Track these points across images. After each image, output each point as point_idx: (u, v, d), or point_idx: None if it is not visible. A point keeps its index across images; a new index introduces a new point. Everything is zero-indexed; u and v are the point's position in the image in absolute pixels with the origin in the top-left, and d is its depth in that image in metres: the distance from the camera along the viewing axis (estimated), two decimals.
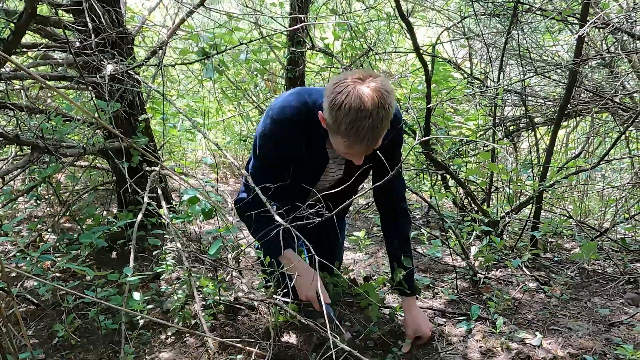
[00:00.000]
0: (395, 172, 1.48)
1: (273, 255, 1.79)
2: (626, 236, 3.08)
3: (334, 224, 2.12)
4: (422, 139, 1.69)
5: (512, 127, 3.70)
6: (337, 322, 1.76)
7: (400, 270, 1.88)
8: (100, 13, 2.19)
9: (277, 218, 1.47)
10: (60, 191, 2.79)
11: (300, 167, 1.80)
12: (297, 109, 1.67)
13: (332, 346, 1.26)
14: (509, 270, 2.51)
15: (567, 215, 2.84)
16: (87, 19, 2.08)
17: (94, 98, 2.18)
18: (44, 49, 2.14)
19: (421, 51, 2.79)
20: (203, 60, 1.89)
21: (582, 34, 1.89)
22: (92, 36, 2.11)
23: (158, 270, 2.20)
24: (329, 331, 1.29)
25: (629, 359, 1.66)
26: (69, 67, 2.19)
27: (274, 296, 1.90)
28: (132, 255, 1.80)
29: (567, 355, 1.74)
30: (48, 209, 3.02)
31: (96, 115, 2.11)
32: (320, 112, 1.57)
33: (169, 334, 2.05)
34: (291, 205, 1.73)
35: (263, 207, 1.56)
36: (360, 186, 2.30)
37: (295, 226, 1.44)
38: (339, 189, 1.72)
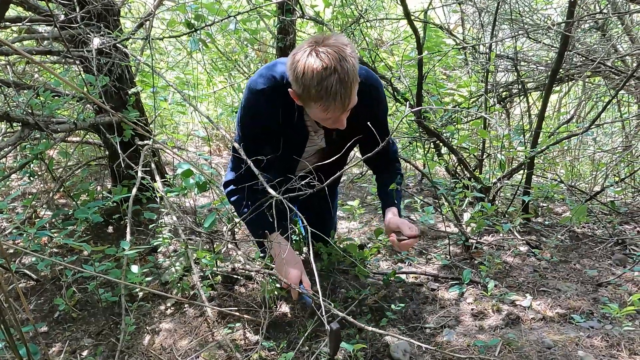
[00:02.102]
0: (385, 140, 1.49)
1: (260, 236, 1.80)
2: (616, 199, 3.13)
3: (323, 194, 2.14)
4: (414, 110, 1.68)
5: (504, 93, 3.70)
6: (318, 313, 1.78)
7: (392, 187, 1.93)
8: None
9: (270, 190, 1.48)
10: (54, 167, 2.79)
11: (280, 141, 1.81)
12: (270, 81, 1.68)
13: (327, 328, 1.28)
14: (501, 235, 2.55)
15: (559, 180, 2.87)
16: None
17: (82, 72, 2.15)
18: (28, 23, 2.09)
19: (412, 17, 2.75)
20: (191, 33, 1.86)
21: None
22: (77, 9, 2.07)
23: (155, 244, 2.22)
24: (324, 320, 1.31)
25: (615, 317, 1.72)
26: (54, 41, 2.15)
27: (269, 267, 1.94)
28: (128, 230, 1.82)
29: (556, 315, 1.80)
30: (42, 185, 3.02)
31: (85, 90, 2.09)
32: (289, 89, 1.57)
33: (169, 304, 2.09)
34: (278, 178, 1.75)
35: (251, 184, 1.56)
36: (350, 157, 2.31)
37: (285, 198, 1.45)
38: (328, 161, 1.72)
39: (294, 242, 2.24)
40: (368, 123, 1.56)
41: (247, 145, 1.78)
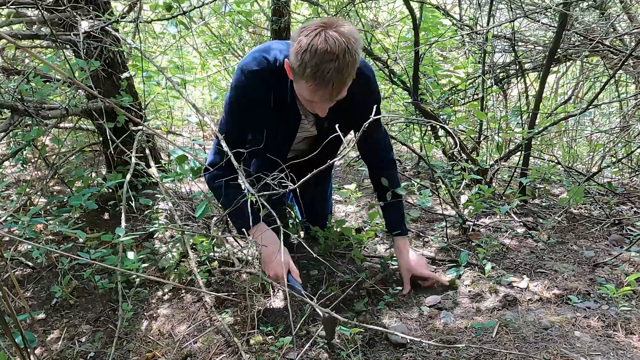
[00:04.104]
0: (375, 127, 1.47)
1: (243, 225, 1.77)
2: (613, 180, 3.13)
3: (315, 182, 2.13)
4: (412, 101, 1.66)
5: (502, 74, 3.66)
6: (310, 302, 1.78)
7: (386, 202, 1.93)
8: None
9: (249, 188, 1.43)
10: (47, 154, 2.76)
11: (272, 125, 1.78)
12: (263, 63, 1.65)
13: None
14: (498, 217, 2.55)
15: (556, 161, 2.86)
16: None
17: (72, 57, 2.11)
18: (14, 6, 2.04)
19: None
20: (178, 16, 1.82)
21: None
22: None
23: (151, 230, 2.21)
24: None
25: (611, 297, 1.72)
26: (43, 25, 2.10)
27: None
28: (122, 216, 1.80)
29: (553, 296, 1.80)
30: (36, 172, 2.99)
31: (75, 74, 2.05)
32: (286, 59, 1.55)
33: (166, 290, 2.09)
34: (267, 164, 1.73)
35: (235, 172, 1.50)
36: (343, 147, 2.28)
37: (273, 189, 1.43)
38: (315, 152, 1.70)
39: (289, 226, 2.23)
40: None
41: (233, 128, 1.76)
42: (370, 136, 1.87)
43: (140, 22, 1.66)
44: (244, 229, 1.75)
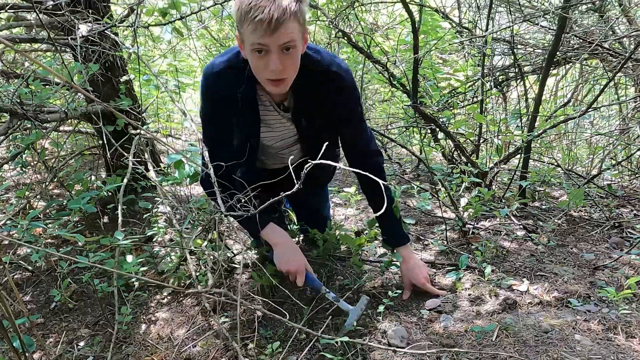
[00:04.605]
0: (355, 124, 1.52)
1: (253, 228, 1.78)
2: (612, 182, 3.13)
3: (311, 189, 2.13)
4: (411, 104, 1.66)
5: (501, 77, 3.66)
6: (325, 296, 1.78)
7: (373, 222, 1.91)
8: None
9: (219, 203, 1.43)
10: (46, 157, 2.75)
11: (240, 126, 1.75)
12: (224, 62, 1.64)
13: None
14: (498, 219, 2.55)
15: (555, 164, 2.86)
16: None
17: (71, 62, 2.11)
18: (13, 10, 2.05)
19: (408, 1, 2.71)
20: (175, 22, 1.82)
21: None
22: None
23: (150, 234, 2.21)
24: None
25: (611, 300, 1.72)
26: (42, 28, 2.10)
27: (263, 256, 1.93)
28: (119, 220, 1.80)
29: (553, 299, 1.80)
30: (35, 175, 2.99)
31: (73, 78, 2.05)
32: (236, 33, 1.53)
33: (165, 294, 2.08)
34: (255, 171, 1.73)
35: (228, 180, 1.52)
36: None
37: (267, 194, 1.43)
38: (302, 159, 1.69)
39: (288, 230, 2.23)
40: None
41: (213, 139, 1.75)
42: (356, 138, 1.87)
43: (138, 27, 1.65)
44: (256, 232, 1.76)
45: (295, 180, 1.27)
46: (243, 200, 1.39)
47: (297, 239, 2.31)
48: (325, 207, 2.38)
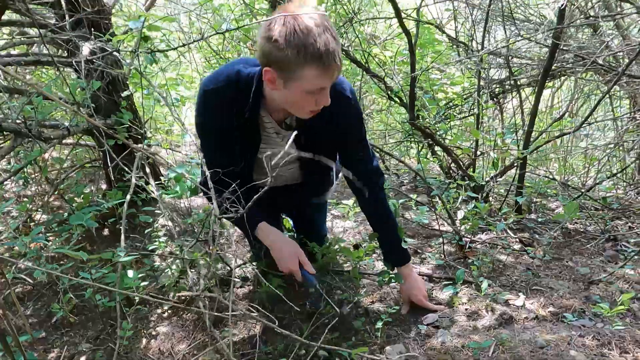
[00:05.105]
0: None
1: (247, 229, 1.77)
2: (607, 195, 3.16)
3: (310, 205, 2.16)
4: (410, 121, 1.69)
5: (498, 90, 3.71)
6: (323, 293, 1.81)
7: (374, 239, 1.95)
8: None
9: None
10: (48, 170, 2.78)
11: (235, 143, 1.74)
12: (223, 80, 1.62)
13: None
14: (495, 233, 2.58)
15: (551, 177, 2.90)
16: None
17: (71, 73, 2.14)
18: (17, 27, 2.08)
19: (405, 16, 2.75)
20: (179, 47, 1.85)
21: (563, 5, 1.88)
22: (65, 11, 2.04)
23: (150, 248, 2.23)
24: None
25: (605, 316, 1.75)
26: (44, 45, 2.13)
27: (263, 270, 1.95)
28: (122, 236, 1.82)
29: (549, 314, 1.83)
30: (36, 187, 3.01)
31: (75, 94, 2.08)
32: (266, 68, 1.44)
33: (166, 308, 2.10)
34: (251, 183, 1.74)
35: (226, 184, 1.47)
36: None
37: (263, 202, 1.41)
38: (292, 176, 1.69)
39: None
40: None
41: (209, 145, 1.75)
42: (354, 156, 1.88)
43: (139, 52, 1.68)
44: (251, 231, 1.76)
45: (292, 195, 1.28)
46: (233, 201, 1.37)
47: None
48: (321, 219, 2.38)
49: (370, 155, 1.91)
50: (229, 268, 2.27)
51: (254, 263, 2.23)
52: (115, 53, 2.10)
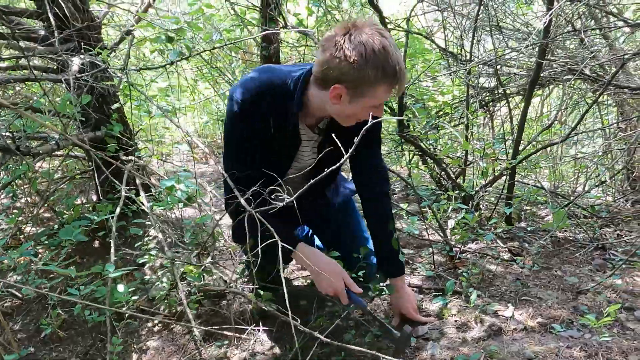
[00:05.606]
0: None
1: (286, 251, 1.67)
2: (596, 204, 3.19)
3: (324, 208, 2.09)
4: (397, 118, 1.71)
5: (488, 98, 3.73)
6: (373, 315, 1.78)
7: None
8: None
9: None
10: (38, 181, 2.76)
11: (270, 151, 1.70)
12: (256, 88, 1.58)
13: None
14: (484, 242, 2.59)
15: (539, 186, 2.92)
16: (47, 8, 2.02)
17: (61, 94, 2.14)
18: (5, 40, 2.07)
19: (394, 27, 2.78)
20: (166, 66, 1.86)
21: (548, 19, 1.91)
22: (53, 24, 2.04)
23: (141, 262, 2.23)
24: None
25: (592, 327, 1.76)
26: (28, 64, 2.12)
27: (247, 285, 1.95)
28: (112, 251, 1.82)
29: (537, 325, 1.84)
30: (25, 200, 3.00)
31: (67, 108, 2.08)
32: (336, 86, 1.45)
33: (156, 321, 2.10)
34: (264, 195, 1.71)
35: (254, 205, 1.41)
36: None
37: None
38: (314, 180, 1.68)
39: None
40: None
41: (239, 155, 1.68)
42: (370, 158, 1.88)
43: (128, 70, 1.69)
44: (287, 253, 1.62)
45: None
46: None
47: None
48: (356, 222, 2.18)
49: (381, 155, 1.95)
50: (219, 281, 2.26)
51: (245, 274, 2.23)
52: (108, 67, 2.11)
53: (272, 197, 1.44)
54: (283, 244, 1.28)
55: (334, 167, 1.34)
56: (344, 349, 1.33)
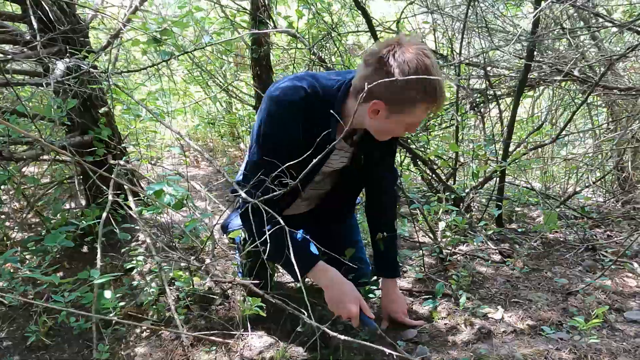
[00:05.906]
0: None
1: (305, 268, 1.64)
2: (586, 205, 3.20)
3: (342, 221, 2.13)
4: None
5: (479, 99, 3.74)
6: (388, 339, 1.74)
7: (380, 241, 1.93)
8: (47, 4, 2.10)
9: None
10: (24, 186, 2.73)
11: (300, 156, 1.61)
12: (299, 92, 1.57)
13: None
14: (475, 244, 2.59)
15: (530, 187, 2.93)
16: (30, 12, 2.00)
17: (47, 98, 2.11)
18: None
19: (384, 29, 2.77)
20: (155, 66, 1.85)
21: (535, 18, 1.91)
22: (36, 28, 2.01)
23: (128, 267, 2.21)
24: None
25: (581, 329, 1.76)
26: (13, 61, 2.09)
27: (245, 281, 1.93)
28: (98, 256, 1.80)
29: (526, 327, 1.84)
30: (13, 205, 2.96)
31: (52, 112, 2.06)
32: (375, 101, 1.47)
33: (144, 327, 2.07)
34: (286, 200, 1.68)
35: (274, 211, 1.38)
36: None
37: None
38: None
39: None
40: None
41: (272, 159, 1.57)
42: (387, 161, 1.90)
43: (112, 73, 1.67)
44: (303, 270, 1.61)
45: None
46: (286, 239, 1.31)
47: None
48: (355, 233, 2.22)
49: (397, 169, 2.01)
50: (208, 285, 2.24)
51: (236, 279, 2.21)
52: (91, 70, 2.09)
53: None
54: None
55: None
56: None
